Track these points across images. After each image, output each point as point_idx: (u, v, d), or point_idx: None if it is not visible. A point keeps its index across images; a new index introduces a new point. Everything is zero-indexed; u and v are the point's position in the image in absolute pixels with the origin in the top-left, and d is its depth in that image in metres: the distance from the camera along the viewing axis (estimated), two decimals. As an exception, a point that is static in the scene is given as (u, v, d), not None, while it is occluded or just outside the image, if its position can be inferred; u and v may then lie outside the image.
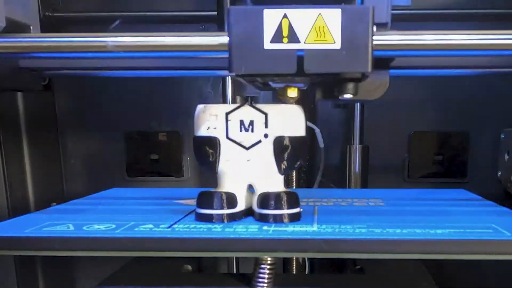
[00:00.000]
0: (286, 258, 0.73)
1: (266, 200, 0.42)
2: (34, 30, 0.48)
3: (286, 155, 0.42)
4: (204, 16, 0.76)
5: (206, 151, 0.43)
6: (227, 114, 0.43)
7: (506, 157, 0.67)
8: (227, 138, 0.43)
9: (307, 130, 0.44)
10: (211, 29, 0.76)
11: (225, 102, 0.70)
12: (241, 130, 0.43)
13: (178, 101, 0.81)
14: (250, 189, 0.45)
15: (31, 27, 0.48)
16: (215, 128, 0.43)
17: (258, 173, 0.43)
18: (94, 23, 0.78)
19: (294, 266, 0.73)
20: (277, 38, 0.34)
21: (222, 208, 0.42)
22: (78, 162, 0.84)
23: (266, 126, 0.42)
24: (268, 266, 0.44)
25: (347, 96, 0.42)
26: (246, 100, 0.61)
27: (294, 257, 0.71)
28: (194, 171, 0.84)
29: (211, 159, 0.43)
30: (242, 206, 0.44)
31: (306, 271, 0.73)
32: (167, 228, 0.41)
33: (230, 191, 0.43)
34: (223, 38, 0.36)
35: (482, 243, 0.37)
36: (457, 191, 0.61)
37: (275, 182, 0.43)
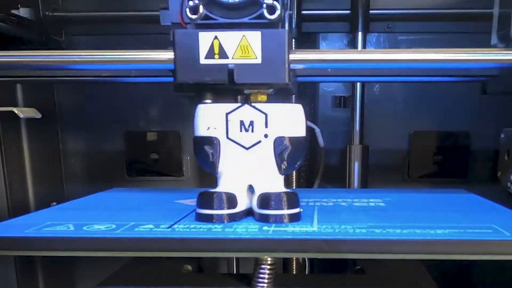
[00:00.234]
0: (286, 258, 0.73)
1: (266, 200, 0.42)
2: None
3: (286, 156, 0.42)
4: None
5: (206, 151, 0.43)
6: (227, 114, 0.43)
7: (506, 157, 0.67)
8: (227, 138, 0.43)
9: (307, 129, 0.45)
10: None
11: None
12: (241, 130, 0.43)
13: (178, 100, 0.81)
14: (250, 189, 0.45)
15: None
16: (215, 128, 0.43)
17: (258, 173, 0.43)
18: (93, 23, 0.78)
19: (294, 266, 0.73)
20: (210, 54, 0.42)
21: (222, 208, 0.42)
22: (78, 161, 0.85)
23: (266, 126, 0.42)
24: (268, 266, 0.44)
25: None
26: (246, 100, 0.61)
27: (294, 257, 0.71)
28: (194, 171, 0.84)
29: (211, 159, 0.43)
30: (242, 206, 0.43)
31: (306, 271, 0.73)
32: (167, 228, 0.41)
33: (230, 191, 0.43)
34: (170, 54, 0.44)
35: (482, 243, 0.37)
36: (457, 191, 0.61)
37: (275, 182, 0.44)
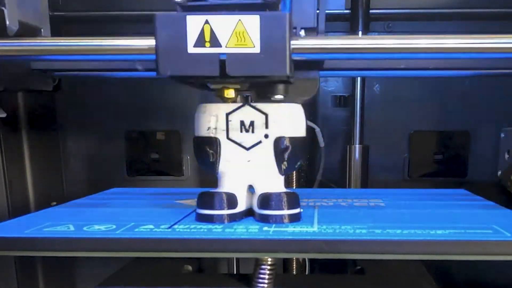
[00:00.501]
0: (286, 259, 0.73)
1: (266, 200, 0.42)
2: (45, 32, 0.49)
3: (286, 156, 0.42)
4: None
5: (207, 152, 0.43)
6: (228, 114, 0.43)
7: (506, 156, 0.67)
8: (228, 138, 0.43)
9: (307, 129, 0.44)
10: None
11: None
12: (241, 131, 0.43)
13: (178, 100, 0.81)
14: (251, 189, 0.45)
15: (42, 30, 0.49)
16: (216, 128, 0.43)
17: (258, 173, 0.43)
18: (94, 22, 0.78)
19: (294, 267, 0.73)
20: (199, 42, 0.36)
21: (223, 208, 0.42)
22: (78, 161, 0.85)
23: (267, 126, 0.42)
24: (268, 267, 0.44)
25: (278, 96, 0.43)
26: (246, 99, 0.61)
27: (294, 257, 0.71)
28: (194, 171, 0.84)
29: (212, 160, 0.43)
30: (242, 206, 0.43)
31: (306, 272, 0.73)
32: (168, 228, 0.41)
33: (230, 192, 0.43)
34: (151, 41, 0.38)
35: (482, 244, 0.37)
36: (457, 191, 0.61)
37: (276, 183, 0.43)
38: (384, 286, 0.49)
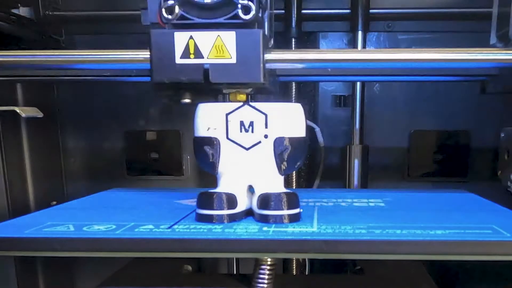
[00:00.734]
0: (286, 259, 0.73)
1: (266, 200, 0.42)
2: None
3: (286, 156, 0.42)
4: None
5: (206, 152, 0.43)
6: (227, 114, 0.43)
7: (506, 156, 0.67)
8: (227, 138, 0.43)
9: (307, 129, 0.44)
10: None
11: (224, 100, 0.70)
12: (241, 131, 0.43)
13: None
14: (250, 189, 0.45)
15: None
16: (215, 128, 0.43)
17: (258, 173, 0.43)
18: (94, 22, 0.78)
19: (294, 267, 0.73)
20: (185, 54, 0.43)
21: (222, 208, 0.42)
22: (78, 161, 0.84)
23: (266, 126, 0.42)
24: (268, 267, 0.44)
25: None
26: (246, 99, 0.61)
27: (294, 257, 0.71)
28: (194, 170, 0.84)
29: (211, 160, 0.43)
30: (242, 206, 0.44)
31: (306, 272, 0.73)
32: (167, 228, 0.41)
33: (230, 192, 0.43)
34: (146, 54, 0.44)
35: (482, 244, 0.37)
36: (457, 191, 0.61)
37: (275, 183, 0.44)
38: (383, 286, 0.49)
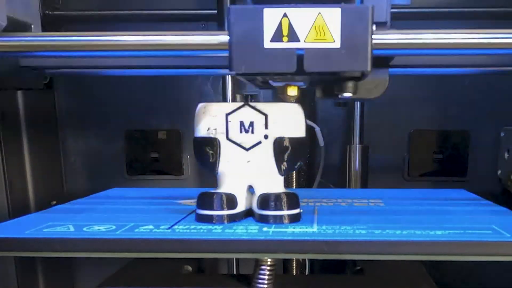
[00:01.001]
0: (286, 259, 0.73)
1: (266, 201, 0.42)
2: (35, 29, 0.48)
3: (286, 156, 0.42)
4: (204, 14, 0.76)
5: (206, 152, 0.43)
6: (227, 115, 0.43)
7: (506, 155, 0.67)
8: (227, 139, 0.43)
9: (307, 128, 0.44)
10: (212, 27, 0.76)
11: (225, 100, 0.70)
12: (241, 131, 0.42)
13: (178, 99, 0.81)
14: (250, 190, 0.45)
15: (32, 26, 0.48)
16: (215, 129, 0.43)
17: (258, 174, 0.43)
18: (93, 22, 0.78)
19: (294, 267, 0.73)
20: (277, 37, 0.35)
21: (222, 209, 0.42)
22: (78, 160, 0.84)
23: (266, 127, 0.42)
24: (268, 267, 0.44)
25: (347, 94, 0.42)
26: (246, 99, 0.61)
27: (294, 258, 0.71)
28: (194, 170, 0.84)
29: (211, 160, 0.43)
30: (242, 207, 0.44)
31: (306, 272, 0.73)
32: (167, 229, 0.41)
33: (230, 192, 0.43)
34: (224, 37, 0.36)
35: (482, 245, 0.37)
36: (457, 191, 0.61)
37: (275, 183, 0.43)
38: (383, 286, 0.49)
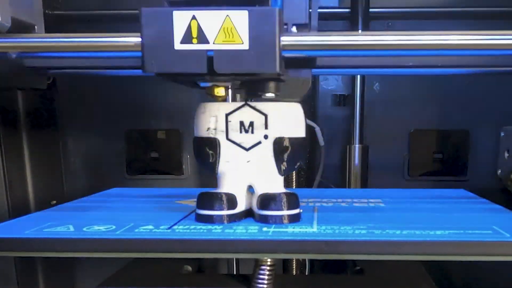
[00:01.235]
0: (286, 259, 0.73)
1: (266, 201, 0.42)
2: (39, 30, 0.48)
3: (286, 156, 0.42)
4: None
5: (206, 152, 0.43)
6: (227, 115, 0.42)
7: (506, 155, 0.67)
8: (227, 139, 0.43)
9: (307, 128, 0.44)
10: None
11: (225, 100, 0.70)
12: (241, 131, 0.42)
13: (178, 99, 0.81)
14: (250, 190, 0.45)
15: (36, 27, 0.48)
16: (215, 129, 0.43)
17: (258, 174, 0.43)
18: (93, 21, 0.78)
19: (294, 267, 0.73)
20: (186, 39, 0.35)
21: (222, 209, 0.42)
22: (78, 160, 0.85)
23: (266, 127, 0.42)
24: (268, 267, 0.44)
25: (269, 94, 0.42)
26: (246, 99, 0.61)
27: (294, 258, 0.71)
28: (194, 170, 0.84)
29: (211, 160, 0.43)
30: (242, 207, 0.44)
31: (306, 272, 0.73)
32: (167, 229, 0.41)
33: (230, 192, 0.43)
34: (137, 39, 0.37)
35: (482, 245, 0.37)
36: (457, 191, 0.61)
37: (275, 183, 0.43)
38: (383, 286, 0.49)
